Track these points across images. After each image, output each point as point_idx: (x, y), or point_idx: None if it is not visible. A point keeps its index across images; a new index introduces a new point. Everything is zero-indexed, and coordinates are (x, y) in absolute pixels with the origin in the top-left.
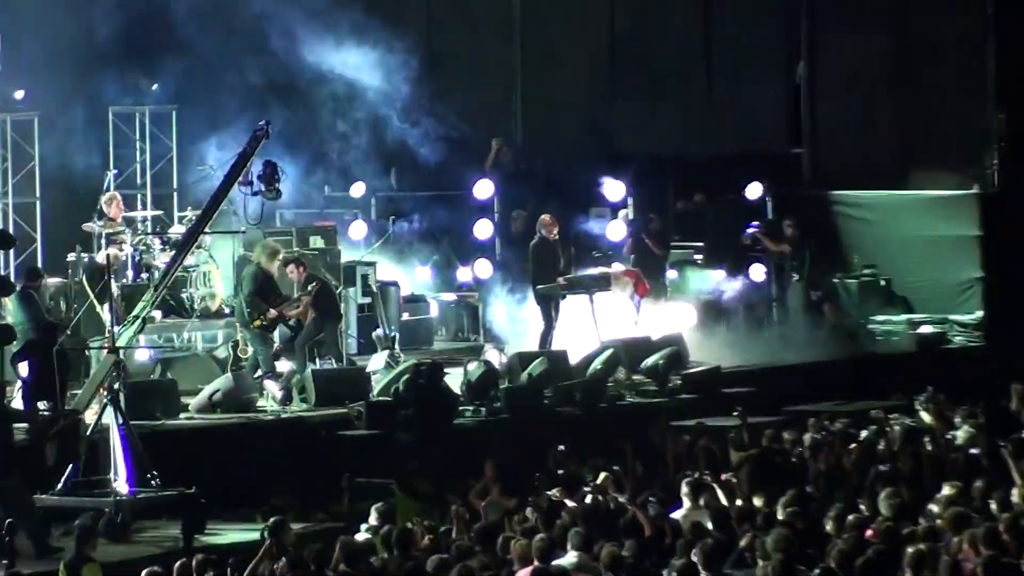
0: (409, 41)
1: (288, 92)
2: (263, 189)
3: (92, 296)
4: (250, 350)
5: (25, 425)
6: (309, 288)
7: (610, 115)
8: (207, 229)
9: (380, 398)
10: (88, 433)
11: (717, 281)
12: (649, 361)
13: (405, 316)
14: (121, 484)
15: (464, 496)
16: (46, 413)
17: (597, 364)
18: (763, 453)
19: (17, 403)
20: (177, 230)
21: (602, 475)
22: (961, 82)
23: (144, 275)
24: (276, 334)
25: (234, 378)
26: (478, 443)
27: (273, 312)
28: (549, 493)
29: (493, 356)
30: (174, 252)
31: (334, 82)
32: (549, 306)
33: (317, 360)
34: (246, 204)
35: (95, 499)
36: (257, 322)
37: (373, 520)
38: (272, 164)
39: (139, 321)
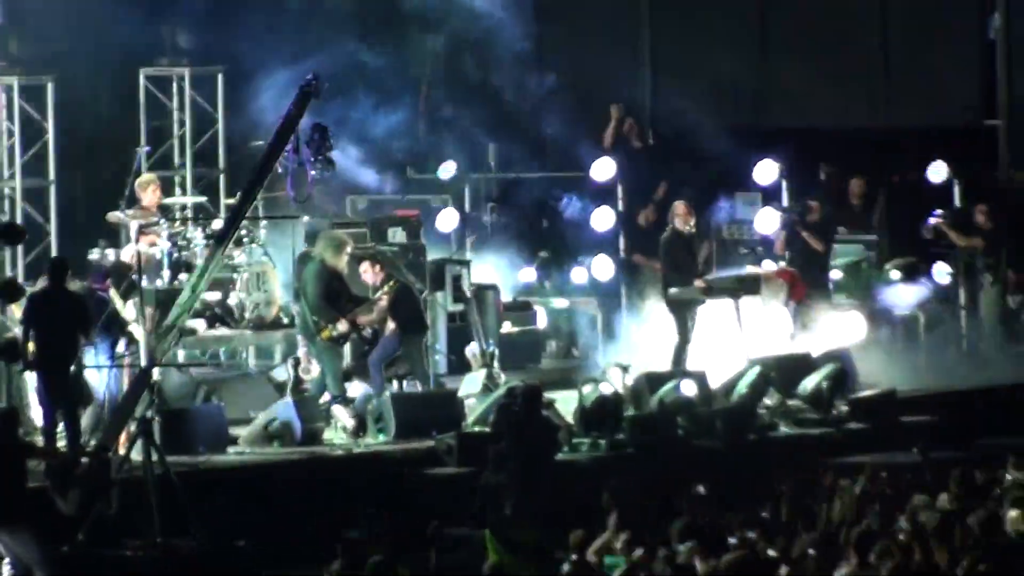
0: None
1: (368, 45)
2: (311, 159)
3: (117, 303)
4: (315, 369)
5: (41, 464)
6: (387, 287)
7: (759, 81)
8: (251, 214)
9: (475, 428)
10: (117, 474)
11: (892, 284)
12: (808, 383)
13: (506, 327)
14: (155, 534)
15: (579, 549)
16: (64, 449)
17: (743, 387)
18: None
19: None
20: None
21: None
22: None
23: (183, 276)
24: (347, 348)
25: (295, 404)
26: (595, 484)
27: (344, 322)
28: (683, 546)
29: (615, 377)
30: (221, 226)
31: (428, 29)
32: (684, 315)
33: (397, 382)
34: (292, 180)
35: (126, 553)
36: (325, 332)
37: None
38: (321, 128)
39: (176, 332)
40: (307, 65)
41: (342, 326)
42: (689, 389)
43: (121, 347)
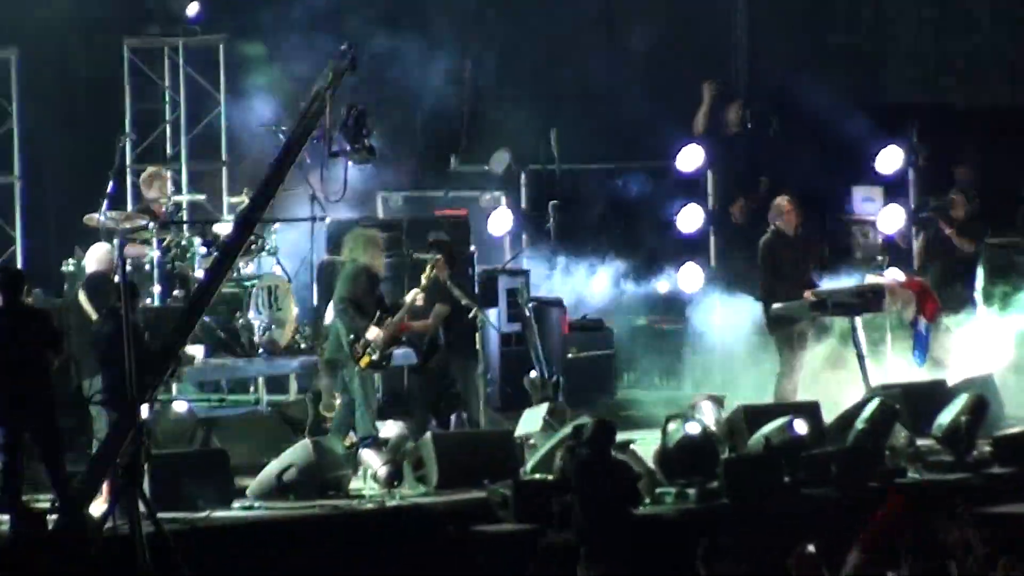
0: None
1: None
2: (347, 148)
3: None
4: (339, 403)
5: (6, 520)
6: (427, 279)
7: (878, 46)
8: (268, 216)
9: (535, 476)
10: (95, 534)
11: None
12: (943, 418)
13: (574, 351)
14: None
15: None
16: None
17: (863, 423)
18: None
19: None
20: (227, 222)
21: None
22: None
23: (179, 292)
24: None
25: (315, 447)
26: (683, 542)
27: (374, 329)
28: None
29: (706, 411)
30: (219, 256)
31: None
32: (790, 335)
33: (441, 419)
34: (323, 173)
35: None
36: (365, 359)
37: None
38: (359, 110)
39: (171, 361)
40: (329, 32)
41: (371, 334)
42: (801, 427)
43: None
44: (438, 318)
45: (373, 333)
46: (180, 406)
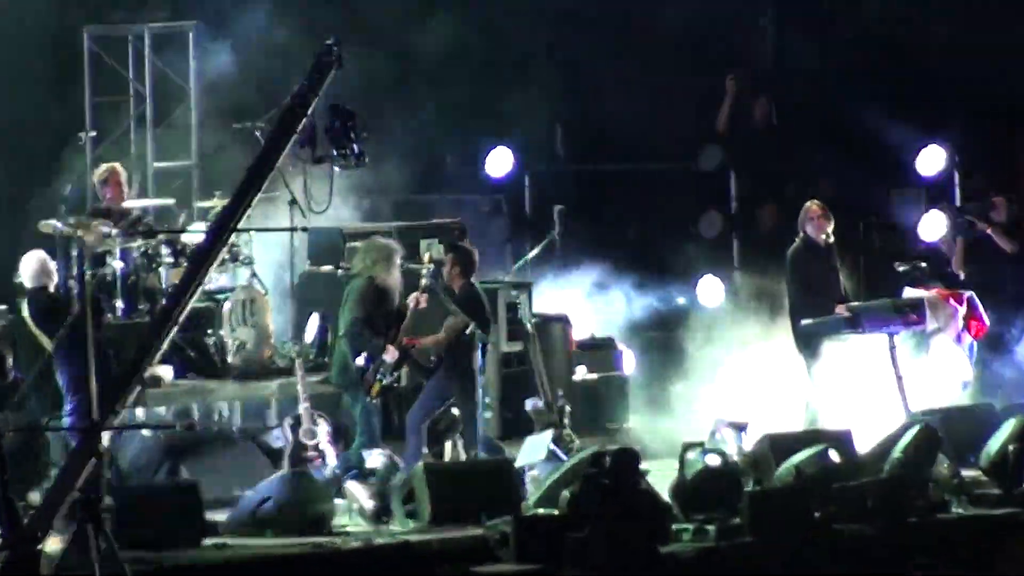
0: None
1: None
2: (333, 153)
3: (48, 344)
4: (322, 431)
5: None
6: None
7: (918, 33)
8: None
9: (539, 511)
10: (52, 573)
11: None
12: (991, 447)
13: (581, 373)
14: None
15: None
16: None
17: (902, 451)
18: None
19: None
20: (197, 232)
21: None
22: None
23: (143, 306)
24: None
25: (295, 479)
26: None
27: (392, 351)
28: None
29: (728, 439)
30: (190, 267)
31: None
32: (820, 353)
33: (434, 447)
34: (307, 180)
35: None
36: (376, 388)
37: None
38: (346, 112)
39: (135, 383)
40: (310, 18)
41: (388, 356)
42: (834, 456)
43: None
44: (451, 331)
45: (391, 354)
46: (145, 433)
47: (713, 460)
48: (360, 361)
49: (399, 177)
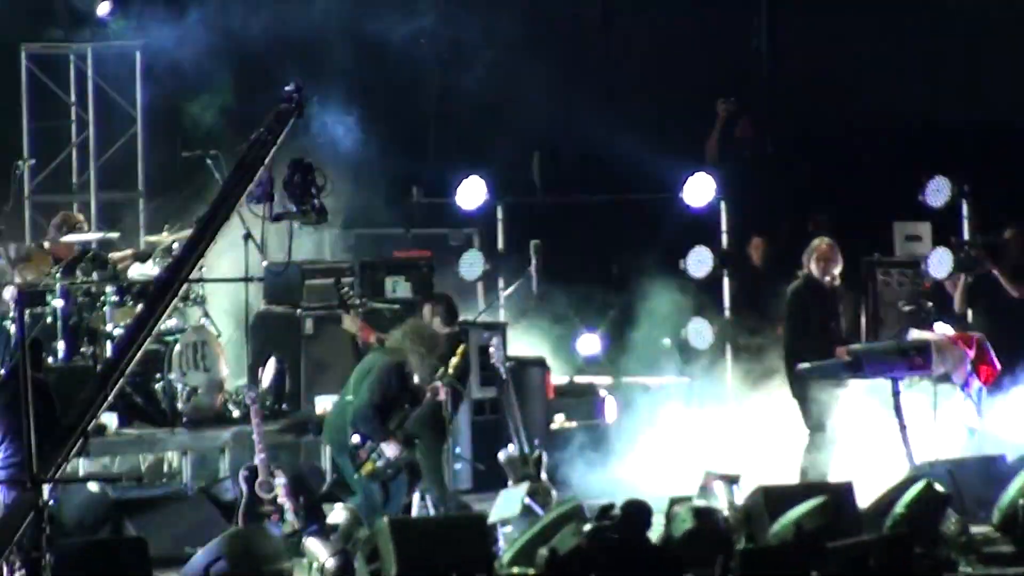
0: None
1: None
2: (292, 209)
3: None
4: (279, 482)
5: None
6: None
7: (930, 58)
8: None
9: (514, 570)
10: None
11: None
12: (1003, 501)
13: (559, 421)
14: None
15: None
16: None
17: (905, 506)
18: None
19: None
20: (144, 270)
21: None
22: None
23: (87, 349)
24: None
25: (249, 535)
26: None
27: (393, 445)
28: None
29: (719, 493)
30: (141, 308)
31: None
32: (819, 399)
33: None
34: (263, 237)
35: None
36: (368, 467)
37: None
38: (304, 166)
39: (79, 434)
40: (268, 39)
41: (390, 450)
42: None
43: None
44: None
45: (392, 450)
46: (90, 486)
47: (703, 514)
48: (356, 439)
49: (363, 208)
